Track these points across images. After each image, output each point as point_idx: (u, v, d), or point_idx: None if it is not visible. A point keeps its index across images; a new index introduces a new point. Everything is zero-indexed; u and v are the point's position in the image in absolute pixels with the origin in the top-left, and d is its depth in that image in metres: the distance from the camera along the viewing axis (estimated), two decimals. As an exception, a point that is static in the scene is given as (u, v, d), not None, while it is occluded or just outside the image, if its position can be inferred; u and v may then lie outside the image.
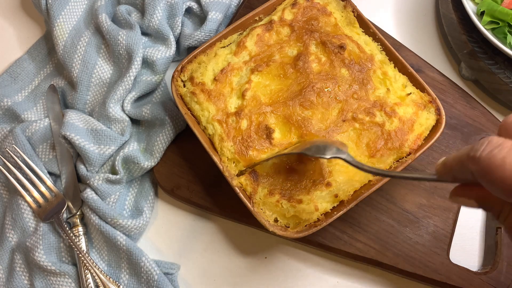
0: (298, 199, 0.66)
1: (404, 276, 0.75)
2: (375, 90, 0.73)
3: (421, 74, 0.82)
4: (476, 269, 0.76)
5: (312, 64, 0.73)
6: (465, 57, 0.84)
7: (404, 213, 0.76)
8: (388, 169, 0.69)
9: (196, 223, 0.80)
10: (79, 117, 0.78)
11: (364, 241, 0.75)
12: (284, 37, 0.76)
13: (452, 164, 0.42)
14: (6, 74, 0.86)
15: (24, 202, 0.75)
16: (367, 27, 0.77)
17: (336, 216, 0.66)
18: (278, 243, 0.78)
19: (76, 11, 0.86)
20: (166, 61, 0.82)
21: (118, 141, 0.77)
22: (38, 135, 0.79)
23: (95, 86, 0.81)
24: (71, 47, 0.82)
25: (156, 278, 0.72)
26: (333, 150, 0.61)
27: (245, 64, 0.74)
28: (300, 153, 0.64)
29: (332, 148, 0.61)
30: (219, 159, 0.70)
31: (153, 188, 0.81)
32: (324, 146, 0.62)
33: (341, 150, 0.61)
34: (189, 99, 0.73)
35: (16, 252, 0.74)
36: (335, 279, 0.77)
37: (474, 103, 0.83)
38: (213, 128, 0.71)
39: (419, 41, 0.91)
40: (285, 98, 0.71)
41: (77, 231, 0.75)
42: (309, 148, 0.64)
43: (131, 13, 0.85)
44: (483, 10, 0.80)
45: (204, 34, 0.83)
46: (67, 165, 0.79)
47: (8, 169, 0.76)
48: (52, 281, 0.72)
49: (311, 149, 0.63)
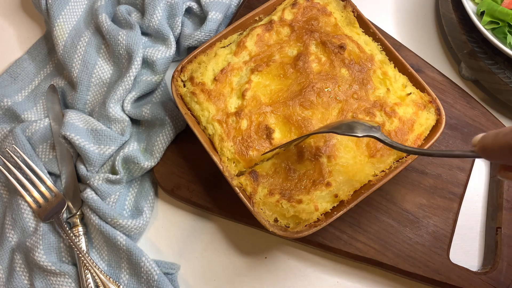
0: (298, 199, 0.66)
1: (404, 276, 0.75)
2: (375, 90, 0.73)
3: (421, 74, 0.82)
4: (476, 269, 0.76)
5: (312, 64, 0.73)
6: (465, 57, 0.84)
7: (404, 213, 0.76)
8: (388, 169, 0.69)
9: (196, 223, 0.80)
10: (79, 117, 0.78)
11: (364, 241, 0.75)
12: (284, 37, 0.76)
13: (502, 148, 0.43)
14: (6, 74, 0.86)
15: (24, 202, 0.75)
16: (367, 27, 0.77)
17: (336, 216, 0.66)
18: (278, 243, 0.78)
19: (76, 11, 0.86)
20: (166, 61, 0.82)
21: (118, 141, 0.77)
22: (38, 135, 0.79)
23: (95, 86, 0.81)
24: (71, 47, 0.82)
25: (156, 278, 0.72)
26: (365, 128, 0.58)
27: (245, 64, 0.74)
28: (329, 131, 0.61)
29: (364, 127, 0.59)
30: (219, 159, 0.70)
31: (153, 188, 0.81)
32: (355, 124, 0.60)
33: (373, 129, 0.58)
34: (189, 99, 0.73)
35: (16, 252, 0.74)
36: (335, 279, 0.77)
37: (474, 103, 0.83)
38: (213, 128, 0.71)
39: (419, 41, 0.91)
40: (285, 98, 0.71)
41: (77, 231, 0.75)
42: (338, 126, 0.61)
43: (131, 13, 0.85)
44: (483, 10, 0.80)
45: (204, 34, 0.83)
46: (67, 165, 0.79)
47: (8, 169, 0.76)
48: (52, 281, 0.72)
49: (340, 127, 0.60)
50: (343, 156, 0.68)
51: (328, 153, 0.68)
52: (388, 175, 0.68)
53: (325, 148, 0.68)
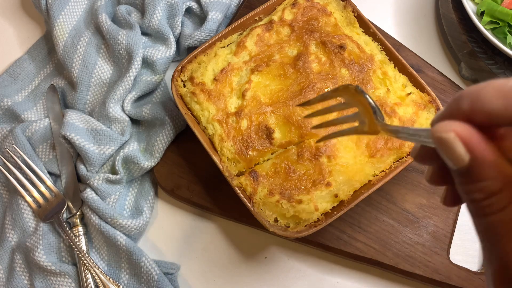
0: (298, 199, 0.66)
1: (404, 276, 0.75)
2: (375, 90, 0.73)
3: (421, 74, 0.82)
4: (476, 269, 0.76)
5: (312, 64, 0.73)
6: (465, 57, 0.84)
7: (404, 213, 0.76)
8: (388, 169, 0.69)
9: (196, 223, 0.80)
10: (79, 117, 0.78)
11: (364, 241, 0.75)
12: (284, 37, 0.76)
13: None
14: (6, 74, 0.86)
15: (24, 202, 0.75)
16: (367, 27, 0.77)
17: (336, 216, 0.66)
18: (278, 243, 0.78)
19: (76, 11, 0.86)
20: (166, 61, 0.82)
21: (118, 141, 0.77)
22: (38, 135, 0.79)
23: (95, 86, 0.81)
24: (71, 47, 0.82)
25: (156, 278, 0.72)
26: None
27: (245, 64, 0.74)
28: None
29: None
30: (219, 159, 0.70)
31: (153, 188, 0.81)
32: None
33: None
34: (189, 99, 0.73)
35: (16, 252, 0.74)
36: (335, 279, 0.77)
37: (474, 103, 0.83)
38: (213, 128, 0.71)
39: (419, 41, 0.91)
40: (285, 98, 0.71)
41: (77, 231, 0.75)
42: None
43: (131, 13, 0.85)
44: (483, 10, 0.80)
45: (204, 34, 0.83)
46: (67, 165, 0.79)
47: (8, 169, 0.76)
48: (52, 281, 0.72)
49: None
50: (343, 156, 0.68)
51: (328, 153, 0.68)
52: (388, 175, 0.68)
53: (325, 148, 0.68)
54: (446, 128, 0.33)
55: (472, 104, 0.33)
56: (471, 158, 0.32)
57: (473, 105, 0.33)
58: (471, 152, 0.32)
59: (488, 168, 0.32)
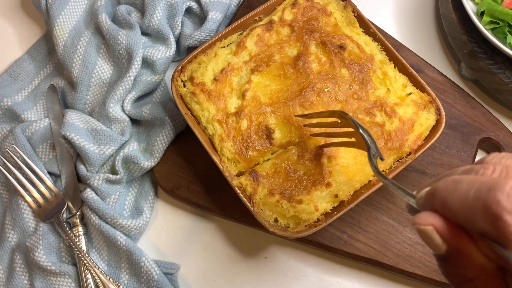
0: (298, 199, 0.66)
1: (404, 276, 0.75)
2: (375, 90, 0.73)
3: (421, 74, 0.82)
4: (476, 269, 0.76)
5: (312, 64, 0.73)
6: (465, 57, 0.84)
7: (404, 213, 0.76)
8: (388, 169, 0.69)
9: (196, 223, 0.80)
10: (79, 117, 0.78)
11: (364, 241, 0.75)
12: (284, 37, 0.76)
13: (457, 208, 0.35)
14: (6, 74, 0.86)
15: (24, 202, 0.75)
16: (367, 27, 0.77)
17: (336, 216, 0.66)
18: (278, 243, 0.78)
19: (76, 11, 0.86)
20: (166, 61, 0.82)
21: (118, 141, 0.77)
22: (38, 135, 0.79)
23: (95, 86, 0.81)
24: (71, 47, 0.82)
25: (156, 278, 0.72)
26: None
27: (245, 64, 0.74)
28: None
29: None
30: (219, 159, 0.70)
31: (153, 188, 0.81)
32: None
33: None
34: (189, 99, 0.73)
35: (16, 252, 0.74)
36: (335, 279, 0.77)
37: (474, 103, 0.83)
38: (213, 128, 0.71)
39: (419, 41, 0.91)
40: (285, 98, 0.71)
41: (77, 231, 0.75)
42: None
43: (131, 13, 0.85)
44: (483, 10, 0.80)
45: (204, 34, 0.83)
46: (67, 165, 0.79)
47: (8, 169, 0.76)
48: (52, 281, 0.72)
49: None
50: (344, 157, 0.68)
51: (328, 153, 0.68)
52: (388, 175, 0.68)
53: (325, 148, 0.68)
54: (425, 221, 0.36)
55: (442, 207, 0.36)
56: (447, 249, 0.35)
57: (443, 209, 0.36)
58: (447, 244, 0.35)
59: (463, 258, 0.35)
